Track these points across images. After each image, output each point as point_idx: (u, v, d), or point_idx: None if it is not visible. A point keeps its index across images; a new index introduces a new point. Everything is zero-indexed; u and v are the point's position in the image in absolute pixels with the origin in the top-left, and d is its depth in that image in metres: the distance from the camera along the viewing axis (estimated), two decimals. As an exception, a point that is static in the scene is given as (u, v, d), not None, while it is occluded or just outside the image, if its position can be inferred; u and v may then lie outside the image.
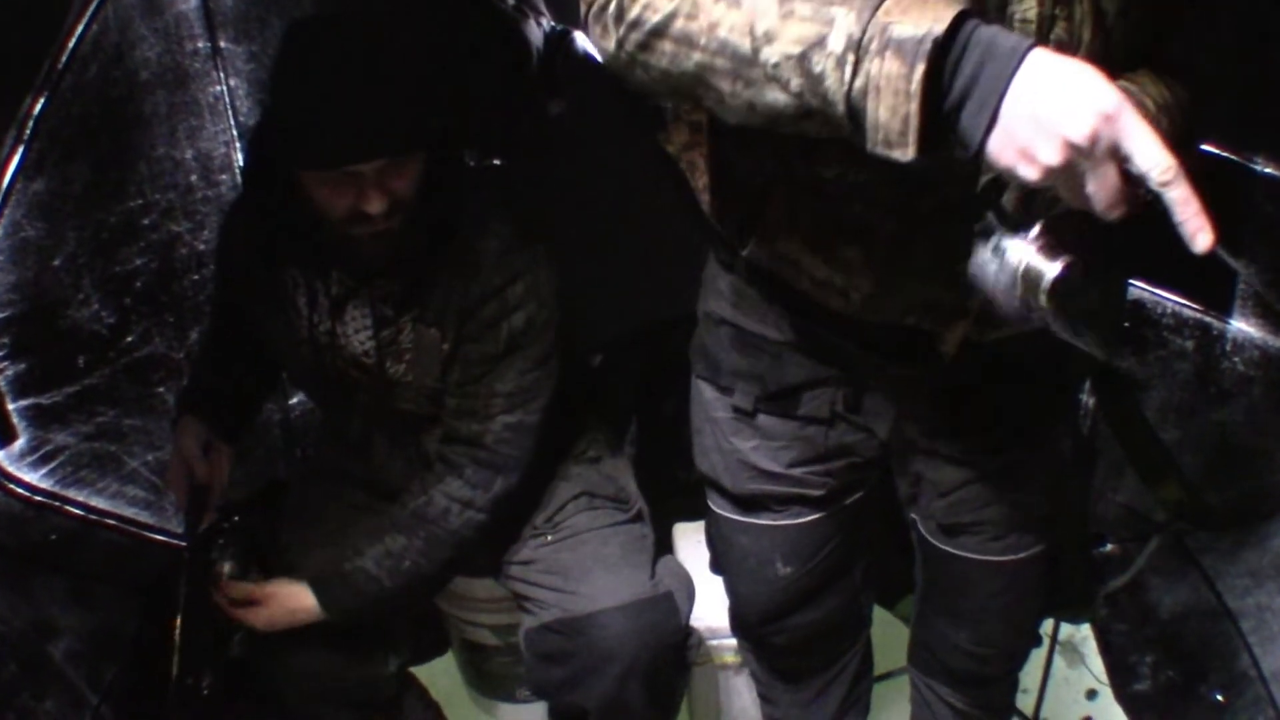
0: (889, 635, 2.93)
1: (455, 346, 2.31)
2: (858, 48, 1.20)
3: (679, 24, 1.35)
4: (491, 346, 2.30)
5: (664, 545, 2.73)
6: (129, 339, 2.83)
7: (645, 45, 1.40)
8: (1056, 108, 1.13)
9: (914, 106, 1.18)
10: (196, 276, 2.94)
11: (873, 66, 1.20)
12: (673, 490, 2.88)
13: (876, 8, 1.20)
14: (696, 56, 1.35)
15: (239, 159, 2.95)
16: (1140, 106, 1.34)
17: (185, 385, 2.70)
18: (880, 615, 2.86)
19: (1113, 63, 1.39)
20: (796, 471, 2.18)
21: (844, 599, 2.47)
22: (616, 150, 2.54)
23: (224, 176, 2.95)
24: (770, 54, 1.27)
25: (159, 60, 2.76)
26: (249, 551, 2.54)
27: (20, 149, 2.50)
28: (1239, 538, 2.65)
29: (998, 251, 1.35)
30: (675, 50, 1.37)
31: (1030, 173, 1.17)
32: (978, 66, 1.18)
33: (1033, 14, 1.41)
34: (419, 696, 2.82)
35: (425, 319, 2.31)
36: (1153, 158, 1.12)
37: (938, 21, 1.17)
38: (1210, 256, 1.14)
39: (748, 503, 2.25)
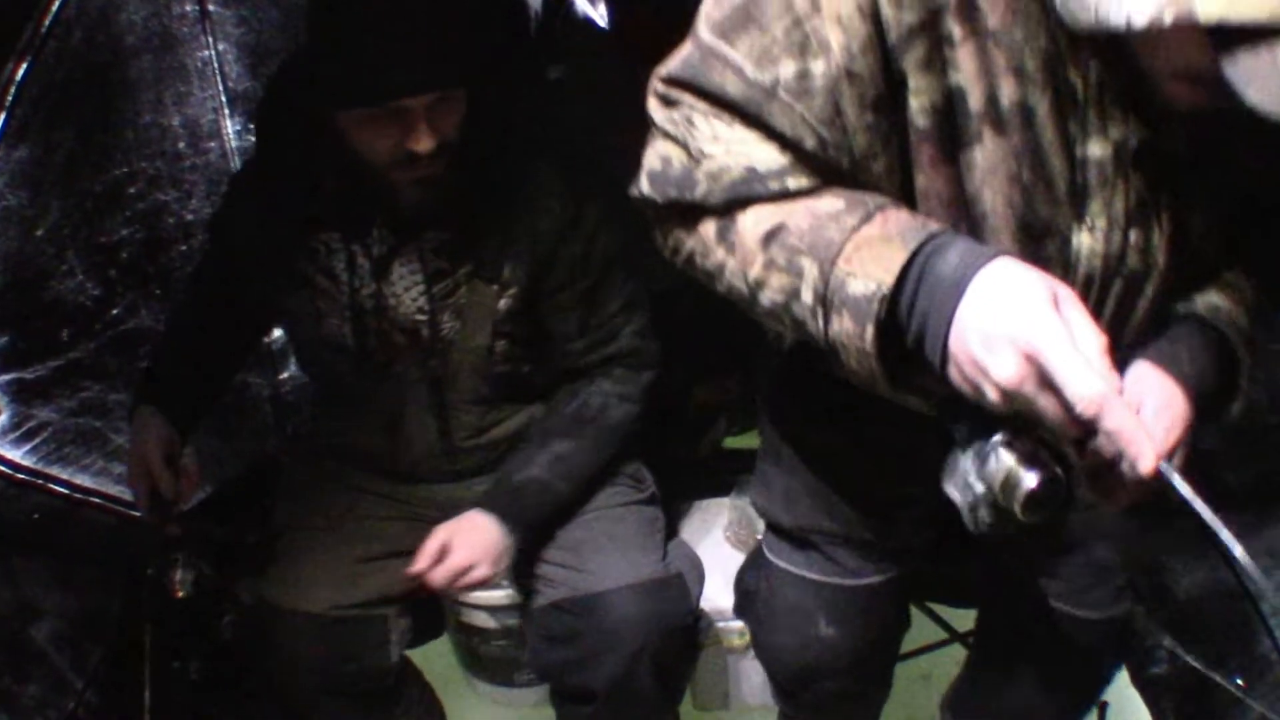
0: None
1: (529, 298, 2.27)
2: (823, 302, 1.27)
3: (699, 261, 1.44)
4: (589, 278, 2.28)
5: (670, 527, 2.65)
6: (114, 311, 2.80)
7: (686, 270, 1.51)
8: (985, 351, 1.16)
9: (873, 362, 1.24)
10: (184, 247, 2.90)
11: (834, 324, 1.27)
12: (675, 470, 2.82)
13: (836, 258, 1.25)
14: (719, 287, 1.44)
15: (228, 125, 2.91)
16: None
17: (146, 369, 2.54)
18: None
19: (1185, 279, 1.43)
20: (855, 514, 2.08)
21: (880, 666, 2.39)
22: (616, 115, 2.49)
23: (212, 144, 2.91)
24: (763, 298, 1.36)
25: (145, 24, 2.73)
26: (203, 559, 2.48)
27: (2, 116, 2.47)
28: (1258, 516, 2.61)
29: (973, 457, 1.33)
30: (705, 278, 1.47)
31: (987, 400, 1.19)
32: (925, 306, 1.21)
33: (1099, 250, 1.41)
34: (418, 686, 2.76)
35: (482, 273, 2.25)
36: (1077, 391, 1.11)
37: (888, 272, 1.21)
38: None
39: (800, 540, 2.15)
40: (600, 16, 3.01)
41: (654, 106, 1.43)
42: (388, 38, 1.95)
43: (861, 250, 1.24)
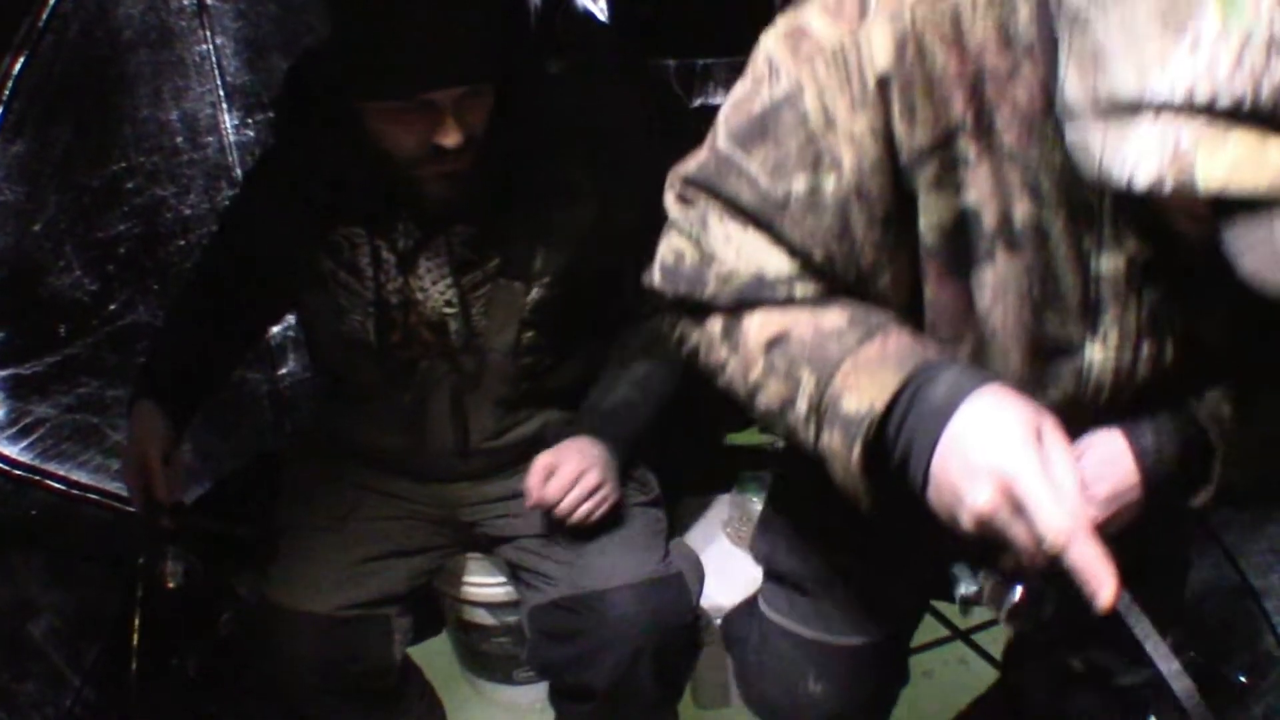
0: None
1: (564, 282, 2.26)
2: (816, 414, 1.32)
3: (702, 355, 1.50)
4: (632, 230, 2.23)
5: (670, 524, 2.64)
6: (112, 307, 2.78)
7: (689, 362, 1.56)
8: (964, 478, 1.20)
9: (857, 481, 1.30)
10: (182, 242, 2.88)
11: (824, 437, 1.32)
12: (675, 466, 2.81)
13: (833, 374, 1.30)
14: (719, 382, 1.49)
15: (226, 120, 2.90)
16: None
17: (146, 360, 2.54)
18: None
19: (1195, 386, 1.44)
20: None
21: None
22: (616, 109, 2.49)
23: (210, 139, 2.90)
24: (760, 400, 1.41)
25: (143, 18, 2.71)
26: (196, 552, 2.46)
27: (-1, 110, 2.45)
28: (1262, 513, 2.61)
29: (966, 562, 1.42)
30: (706, 372, 1.52)
31: (962, 526, 1.23)
32: (912, 431, 1.25)
33: (1110, 363, 1.41)
34: (418, 684, 2.75)
35: (511, 265, 2.24)
36: (1047, 524, 1.14)
37: (880, 395, 1.26)
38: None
39: (800, 589, 2.09)
40: (600, 10, 3.01)
41: (671, 202, 1.47)
42: (419, 30, 1.92)
43: (859, 370, 1.29)
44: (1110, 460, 1.42)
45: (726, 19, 3.18)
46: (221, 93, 2.87)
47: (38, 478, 2.69)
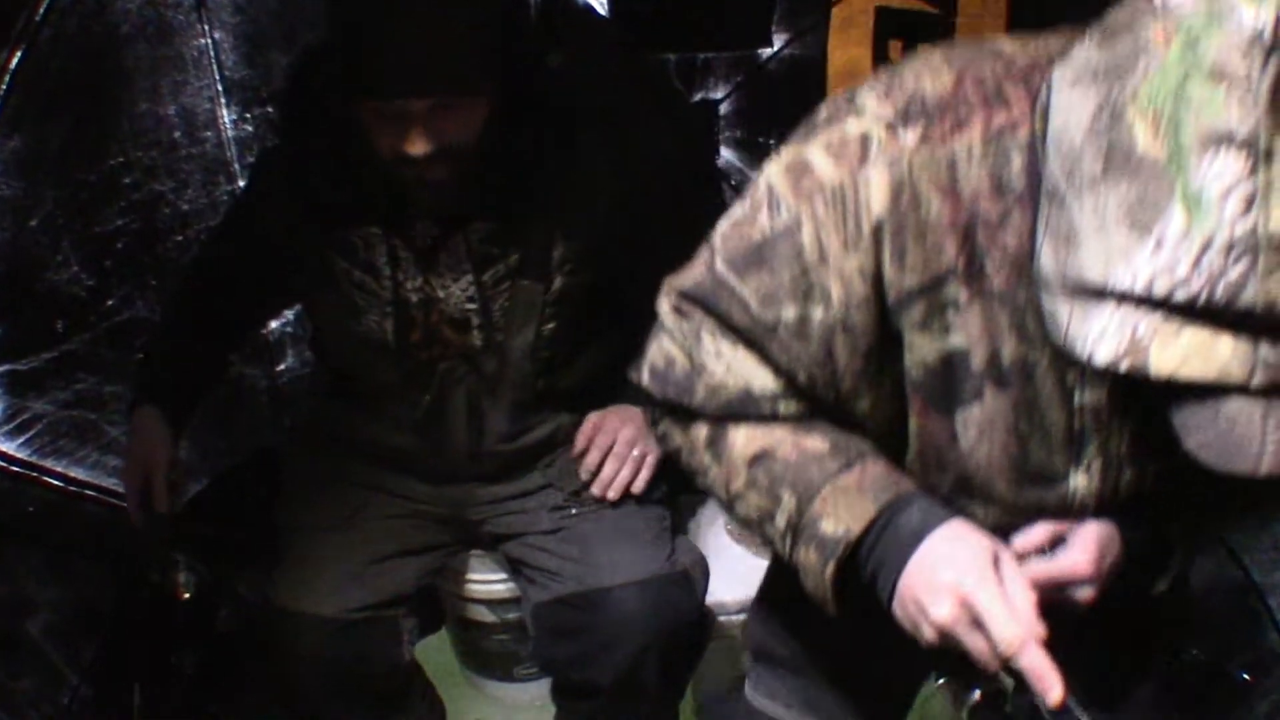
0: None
1: (588, 267, 2.26)
2: (794, 530, 1.44)
3: (685, 456, 1.58)
4: (657, 206, 2.29)
5: (674, 522, 2.64)
6: (109, 303, 2.78)
7: (672, 459, 1.65)
8: (927, 594, 1.34)
9: (828, 592, 1.42)
10: (180, 238, 2.88)
11: (800, 552, 1.44)
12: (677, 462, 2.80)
13: (814, 497, 1.41)
14: (698, 483, 1.59)
15: (224, 115, 2.89)
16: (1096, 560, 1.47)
17: (145, 361, 2.55)
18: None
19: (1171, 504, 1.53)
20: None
21: None
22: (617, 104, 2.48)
23: (208, 133, 2.89)
24: (739, 508, 1.52)
25: (140, 12, 2.70)
26: (202, 559, 2.52)
27: (-5, 105, 2.45)
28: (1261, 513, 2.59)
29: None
30: (686, 470, 1.61)
31: (925, 637, 1.37)
32: (883, 554, 1.39)
33: (1094, 489, 1.48)
34: (419, 683, 2.74)
35: (529, 265, 2.24)
36: (1000, 634, 1.29)
37: (856, 521, 1.39)
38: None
39: (792, 669, 2.04)
40: (600, 5, 3.00)
41: (665, 310, 1.53)
42: (394, 36, 1.93)
43: (837, 496, 1.41)
44: (1109, 538, 1.49)
45: (726, 13, 3.19)
46: (220, 87, 2.86)
47: (35, 474, 2.69)
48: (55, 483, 2.73)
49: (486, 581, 2.69)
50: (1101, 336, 1.04)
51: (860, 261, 1.33)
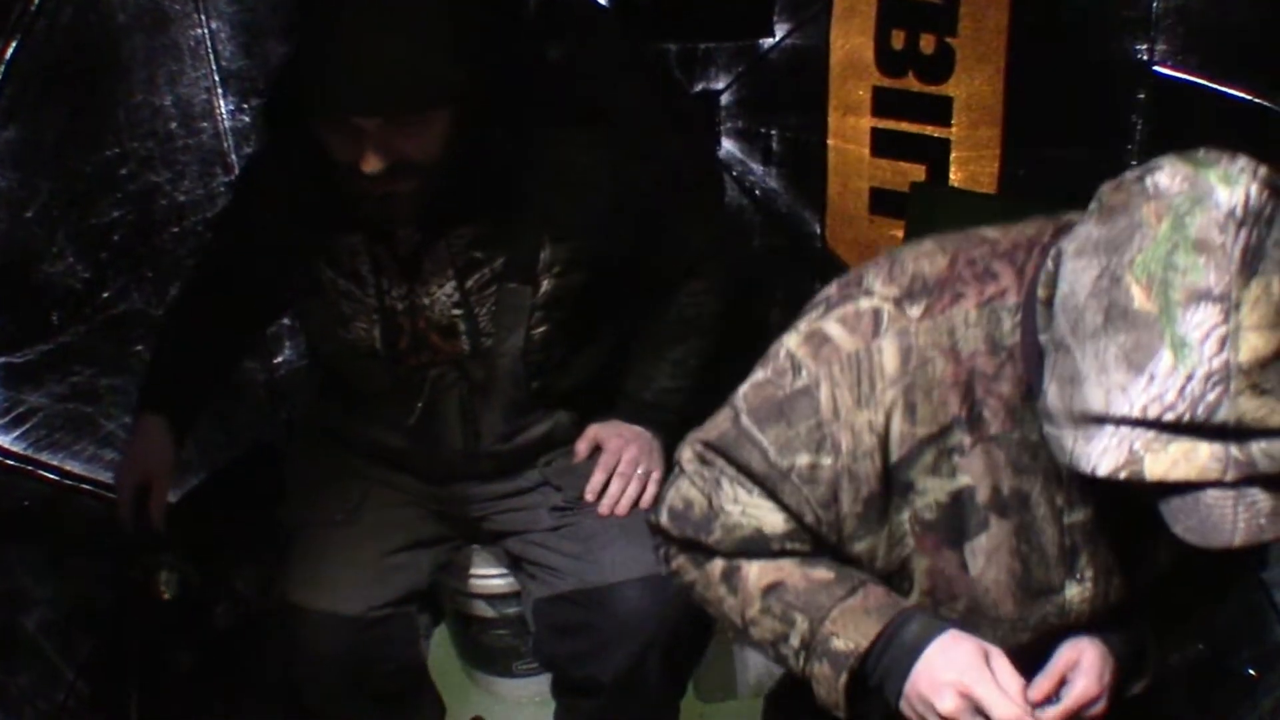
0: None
1: (577, 267, 2.24)
2: (807, 649, 1.65)
3: (698, 589, 1.78)
4: (642, 205, 2.28)
5: None
6: (105, 295, 2.77)
7: (684, 594, 1.86)
8: (932, 691, 1.58)
9: (840, 699, 1.63)
10: (176, 229, 2.86)
11: (814, 666, 1.65)
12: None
13: (824, 619, 1.63)
14: (710, 612, 1.81)
15: (221, 105, 2.88)
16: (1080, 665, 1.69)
17: (150, 372, 2.55)
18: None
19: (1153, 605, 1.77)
20: None
21: None
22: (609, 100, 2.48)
23: (205, 124, 2.87)
24: (753, 632, 1.72)
25: (137, 2, 2.70)
26: (187, 562, 2.51)
27: (-10, 95, 2.44)
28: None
29: None
30: (699, 602, 1.82)
31: None
32: (889, 663, 1.62)
33: (1088, 596, 1.66)
34: (426, 683, 2.72)
35: (515, 268, 2.22)
36: (999, 715, 1.55)
37: (864, 637, 1.61)
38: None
39: None
40: (602, -5, 3.00)
41: (688, 458, 1.73)
42: (342, 54, 1.92)
43: (845, 617, 1.62)
44: (1103, 656, 1.69)
45: (727, 2, 3.18)
46: (216, 78, 2.84)
47: (30, 468, 2.68)
48: (51, 477, 2.73)
49: (486, 576, 2.68)
50: (1103, 454, 1.26)
51: (870, 417, 1.53)
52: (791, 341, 1.63)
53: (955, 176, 3.08)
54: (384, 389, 2.34)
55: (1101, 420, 1.26)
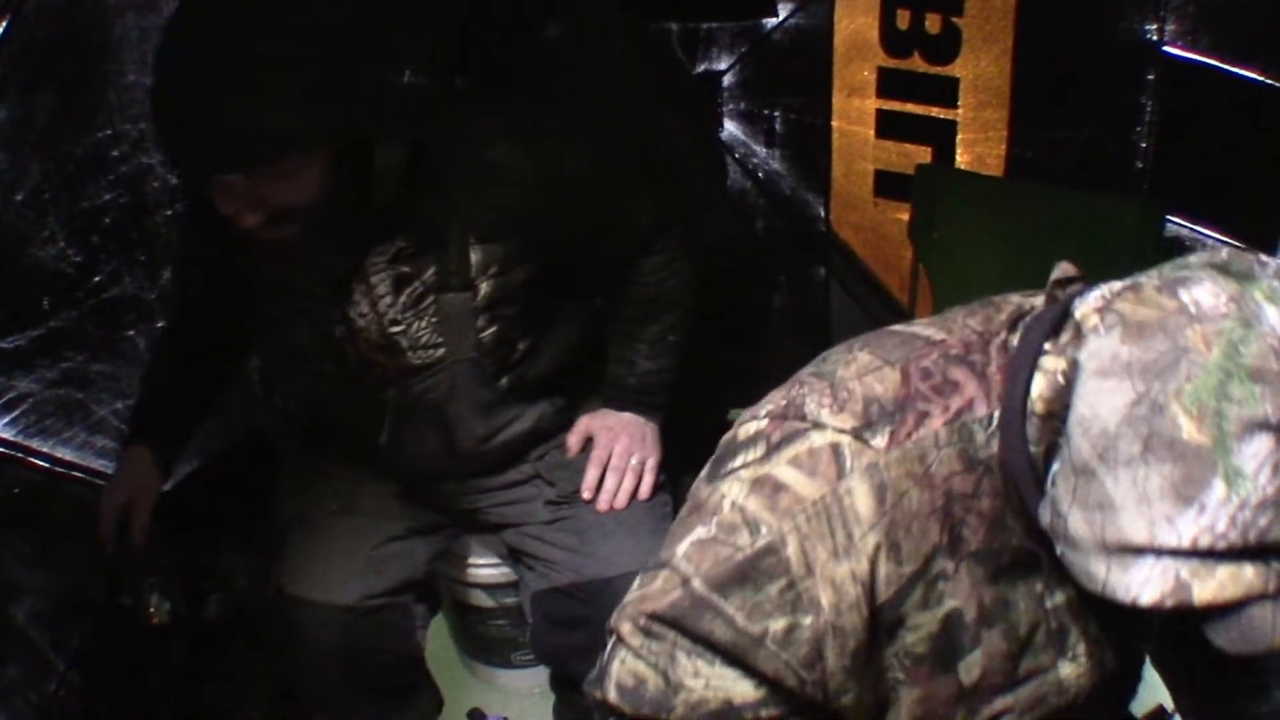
0: None
1: (514, 265, 2.20)
2: None
3: None
4: (577, 193, 2.23)
5: (676, 506, 2.59)
6: (97, 279, 2.74)
7: None
8: None
9: None
10: (169, 212, 2.82)
11: None
12: (679, 444, 2.76)
13: None
14: None
15: (213, 86, 2.83)
16: None
17: (136, 405, 2.55)
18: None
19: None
20: None
21: None
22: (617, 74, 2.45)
23: (198, 105, 2.82)
24: None
25: (128, -19, 2.67)
26: (176, 583, 2.53)
27: (-19, 75, 2.42)
28: None
29: None
30: None
31: None
32: None
33: (1084, 671, 1.58)
34: (424, 675, 2.71)
35: (448, 275, 2.17)
36: None
37: None
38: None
39: None
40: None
41: (630, 632, 1.54)
42: (190, 113, 1.82)
43: None
44: None
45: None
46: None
47: (20, 455, 2.67)
48: (41, 464, 2.71)
49: (485, 566, 2.67)
50: (1145, 584, 1.20)
51: (852, 567, 1.40)
52: (735, 491, 1.48)
53: (962, 159, 3.07)
54: (348, 413, 2.35)
55: (1142, 551, 1.21)
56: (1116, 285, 1.30)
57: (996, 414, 1.40)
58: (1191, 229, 2.70)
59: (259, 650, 2.61)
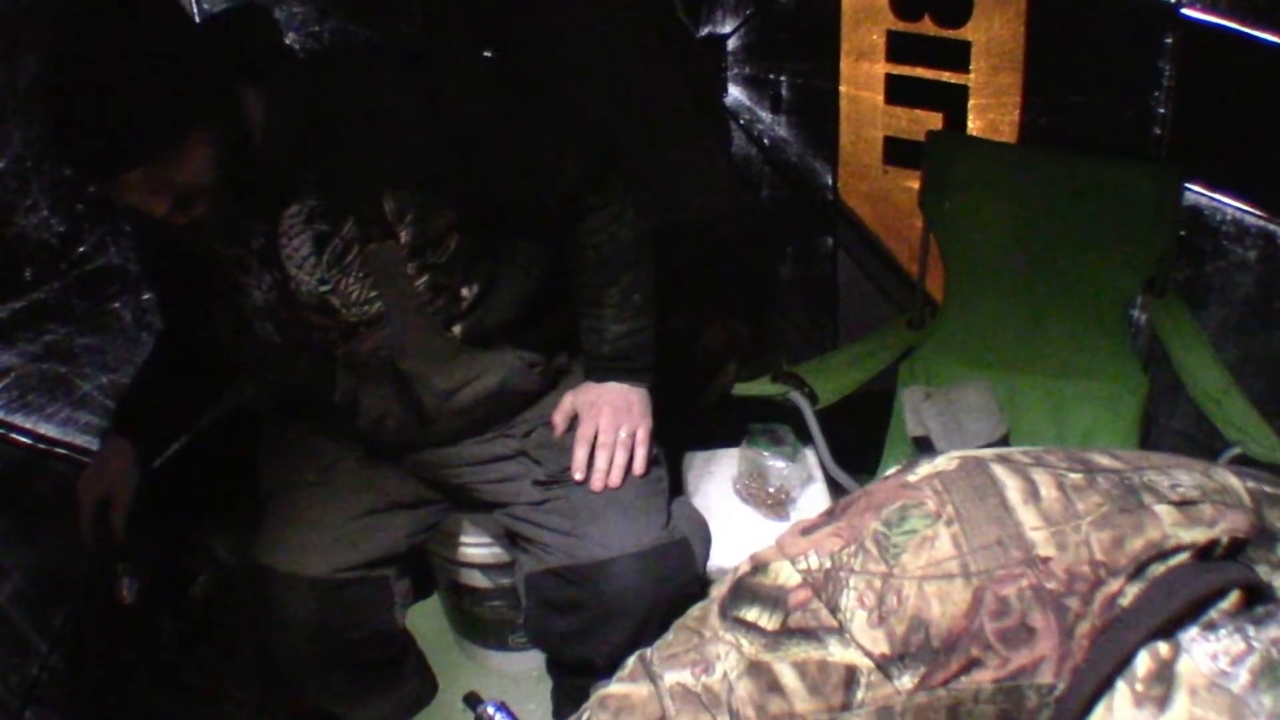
0: None
1: (432, 213, 2.15)
2: None
3: None
4: (489, 147, 2.19)
5: (675, 482, 2.61)
6: (81, 249, 2.70)
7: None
8: None
9: None
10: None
11: None
12: (680, 420, 2.71)
13: None
14: None
15: (200, 49, 2.78)
16: None
17: (126, 394, 2.58)
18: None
19: None
20: None
21: None
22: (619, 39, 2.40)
23: (185, 69, 2.77)
24: None
25: (111, -57, 2.60)
26: (148, 569, 2.53)
27: (-39, 41, 2.39)
28: None
29: None
30: None
31: None
32: None
33: None
34: (412, 652, 2.71)
35: (366, 227, 2.14)
36: None
37: None
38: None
39: None
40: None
41: None
42: (62, 120, 1.89)
43: None
44: None
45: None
46: (197, 20, 2.74)
47: (2, 431, 2.63)
48: (24, 440, 2.68)
49: (479, 545, 2.64)
50: None
51: None
52: (732, 661, 1.26)
53: (974, 125, 3.01)
54: (303, 380, 2.34)
55: None
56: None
57: (1060, 687, 1.12)
58: (1210, 197, 2.65)
59: (244, 628, 2.59)
